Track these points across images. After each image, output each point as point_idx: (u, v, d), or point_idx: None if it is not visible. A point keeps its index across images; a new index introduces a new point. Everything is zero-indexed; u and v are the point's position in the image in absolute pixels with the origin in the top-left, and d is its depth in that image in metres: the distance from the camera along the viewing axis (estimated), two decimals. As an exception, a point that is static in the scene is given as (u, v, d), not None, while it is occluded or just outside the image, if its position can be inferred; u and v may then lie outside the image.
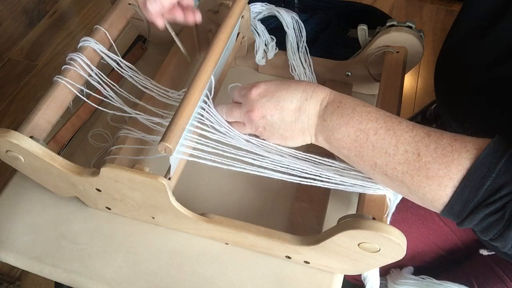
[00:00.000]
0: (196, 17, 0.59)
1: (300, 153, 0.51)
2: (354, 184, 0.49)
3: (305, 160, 0.51)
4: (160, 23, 0.57)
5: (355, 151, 0.45)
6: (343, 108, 0.45)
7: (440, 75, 0.64)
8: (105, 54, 0.60)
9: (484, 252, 0.67)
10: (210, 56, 0.52)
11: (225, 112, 0.53)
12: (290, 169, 0.50)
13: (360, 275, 0.54)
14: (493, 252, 0.66)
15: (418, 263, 0.74)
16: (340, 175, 0.49)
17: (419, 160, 0.40)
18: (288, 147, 0.51)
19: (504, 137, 0.40)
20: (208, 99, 0.52)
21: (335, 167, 0.50)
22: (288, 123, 0.48)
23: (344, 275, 0.56)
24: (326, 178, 0.49)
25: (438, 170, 0.39)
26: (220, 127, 0.52)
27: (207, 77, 0.51)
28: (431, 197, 0.41)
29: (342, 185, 0.49)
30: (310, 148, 0.52)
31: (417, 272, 0.68)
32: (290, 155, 0.51)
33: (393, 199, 0.49)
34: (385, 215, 0.47)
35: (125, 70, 0.60)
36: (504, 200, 0.37)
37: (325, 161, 0.50)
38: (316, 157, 0.51)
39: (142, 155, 0.62)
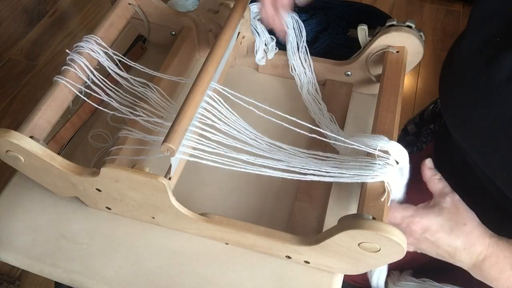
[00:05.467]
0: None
1: (302, 150, 0.52)
2: (354, 174, 0.49)
3: (307, 157, 0.51)
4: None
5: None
6: (501, 264, 0.48)
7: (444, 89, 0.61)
8: (105, 53, 0.60)
9: None
10: (212, 56, 0.52)
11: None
12: (291, 166, 0.51)
13: (359, 276, 0.54)
14: None
15: (419, 265, 0.74)
16: (339, 168, 0.50)
17: None
18: None
19: None
20: (212, 99, 0.52)
21: (335, 160, 0.51)
22: (441, 256, 0.52)
23: (344, 277, 0.56)
24: (326, 172, 0.50)
25: None
26: (226, 123, 0.52)
27: (209, 78, 0.51)
28: None
29: (342, 177, 0.50)
30: (312, 146, 0.52)
31: (418, 274, 0.68)
32: (292, 153, 0.52)
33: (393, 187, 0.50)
34: (387, 203, 0.48)
35: (124, 72, 0.60)
36: None
37: (327, 157, 0.51)
38: (318, 153, 0.51)
39: (142, 155, 0.62)
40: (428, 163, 0.54)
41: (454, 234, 0.49)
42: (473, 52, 0.52)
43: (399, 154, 0.50)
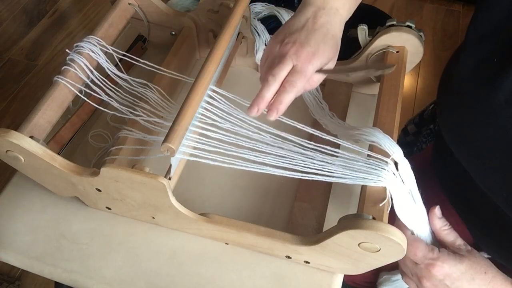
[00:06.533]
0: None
1: (309, 142, 0.51)
2: (356, 176, 0.49)
3: (310, 150, 0.51)
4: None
5: None
6: None
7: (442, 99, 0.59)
8: (105, 53, 0.60)
9: (484, 255, 0.67)
10: (212, 56, 0.52)
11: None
12: (293, 164, 0.50)
13: (359, 277, 0.54)
14: (490, 256, 0.66)
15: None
16: (343, 168, 0.49)
17: None
18: None
19: None
20: (212, 98, 0.52)
21: (342, 158, 0.50)
22: None
23: (344, 278, 0.56)
24: (328, 171, 0.49)
25: None
26: (228, 120, 0.52)
27: (210, 78, 0.50)
28: None
29: (344, 178, 0.49)
30: (314, 138, 0.51)
31: None
32: (295, 145, 0.51)
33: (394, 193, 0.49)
34: (386, 209, 0.48)
35: (124, 73, 0.60)
36: None
37: (330, 149, 0.50)
38: (322, 146, 0.50)
39: (142, 155, 0.62)
40: (437, 212, 0.51)
41: (476, 283, 0.49)
42: (470, 70, 0.51)
43: (407, 174, 0.49)
